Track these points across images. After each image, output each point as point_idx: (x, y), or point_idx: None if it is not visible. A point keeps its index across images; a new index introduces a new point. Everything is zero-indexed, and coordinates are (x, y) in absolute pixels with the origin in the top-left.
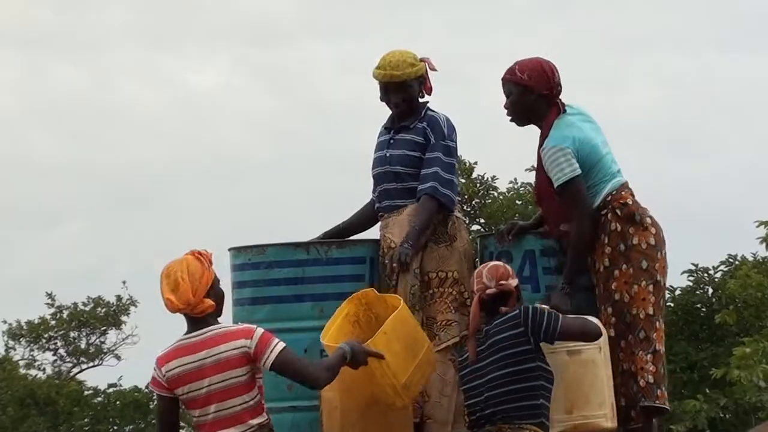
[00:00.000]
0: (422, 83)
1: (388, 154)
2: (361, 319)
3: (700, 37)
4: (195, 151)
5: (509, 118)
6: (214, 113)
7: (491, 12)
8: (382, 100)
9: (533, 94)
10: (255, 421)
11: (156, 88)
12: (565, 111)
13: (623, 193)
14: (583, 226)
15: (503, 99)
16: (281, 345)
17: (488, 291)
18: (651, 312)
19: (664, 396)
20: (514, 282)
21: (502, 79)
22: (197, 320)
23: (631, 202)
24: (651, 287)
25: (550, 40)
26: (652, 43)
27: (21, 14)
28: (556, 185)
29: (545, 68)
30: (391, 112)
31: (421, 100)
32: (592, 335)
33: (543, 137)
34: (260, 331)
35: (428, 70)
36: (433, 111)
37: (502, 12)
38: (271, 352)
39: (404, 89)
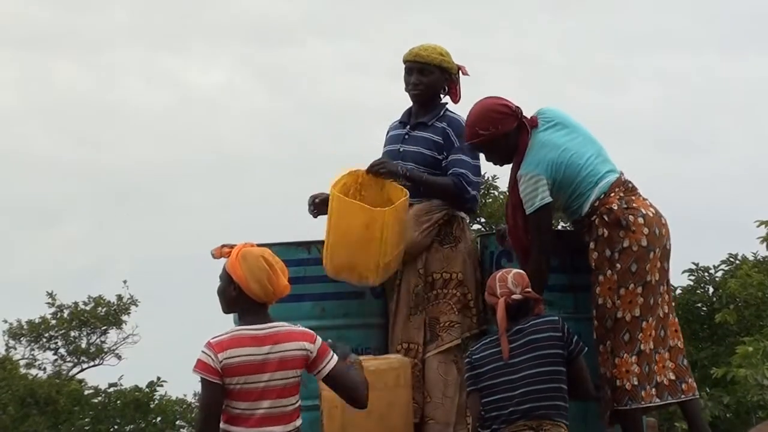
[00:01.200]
0: (447, 80)
1: (401, 149)
2: (349, 194)
3: (701, 36)
4: (197, 151)
5: (500, 165)
6: (217, 112)
7: (493, 12)
8: (406, 87)
9: (506, 136)
10: (298, 423)
11: (158, 88)
12: (536, 125)
13: (611, 196)
14: (539, 261)
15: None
16: (335, 358)
17: (514, 296)
18: (637, 313)
19: (651, 395)
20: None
21: (473, 145)
22: (263, 311)
23: (617, 207)
24: (640, 289)
25: (551, 39)
26: (653, 42)
27: (23, 13)
28: (527, 213)
29: (497, 109)
30: (405, 108)
31: (442, 100)
32: (586, 390)
33: (518, 161)
34: (320, 339)
35: (460, 76)
36: (452, 112)
37: (504, 12)
38: (328, 362)
39: (426, 72)
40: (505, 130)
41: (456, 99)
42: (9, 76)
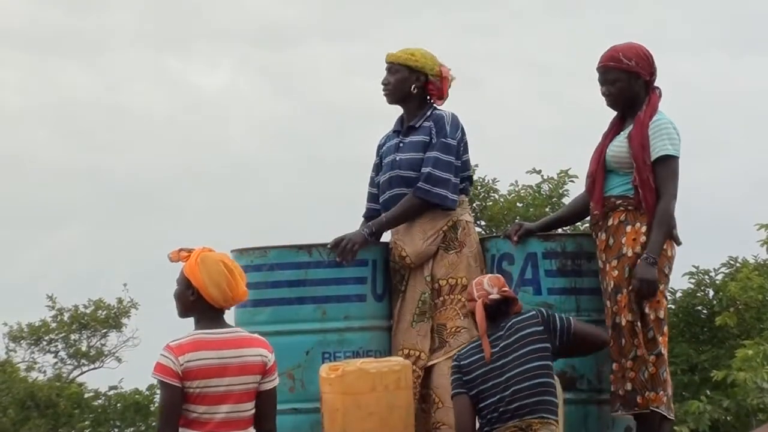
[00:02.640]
0: (421, 80)
1: (397, 158)
2: None
3: (706, 38)
4: (200, 153)
5: (609, 103)
6: (220, 115)
7: (497, 13)
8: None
9: (640, 80)
10: (253, 429)
11: (161, 90)
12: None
13: None
14: (672, 204)
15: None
16: (278, 381)
17: (491, 296)
18: (662, 316)
19: (658, 399)
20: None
21: (606, 67)
22: (219, 316)
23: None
24: (666, 292)
25: (556, 40)
26: (660, 44)
27: (28, 16)
28: (660, 153)
29: (646, 53)
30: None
31: (429, 102)
32: (603, 339)
33: (648, 114)
34: (273, 354)
35: (442, 76)
36: (440, 109)
37: (508, 13)
38: (274, 380)
39: (393, 71)
40: (640, 73)
41: (440, 97)
42: (15, 77)
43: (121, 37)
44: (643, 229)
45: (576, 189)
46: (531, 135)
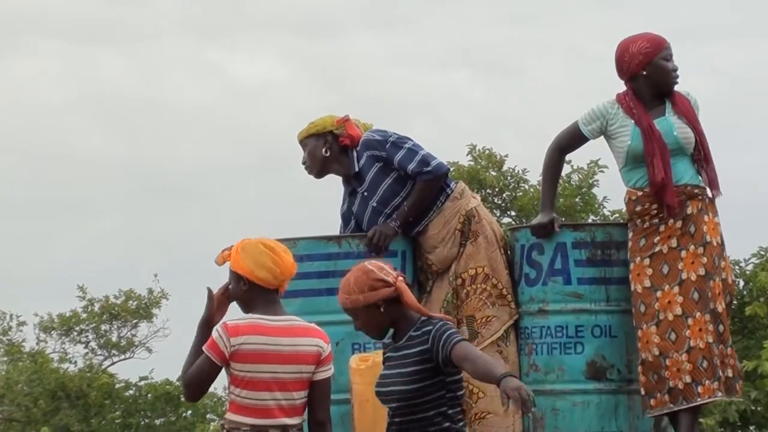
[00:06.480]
0: (329, 140)
1: (374, 204)
2: None
3: (748, 26)
4: (239, 145)
5: (675, 81)
6: (262, 107)
7: (541, 2)
8: None
9: None
10: (304, 416)
11: (203, 81)
12: None
13: None
14: None
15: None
16: (332, 371)
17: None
18: (687, 309)
19: (711, 389)
20: None
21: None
22: (276, 301)
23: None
24: (721, 284)
25: (599, 29)
26: (702, 32)
27: (69, 6)
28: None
29: None
30: (341, 186)
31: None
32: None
33: (681, 97)
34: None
35: (345, 123)
36: (356, 143)
37: (552, 2)
38: (328, 369)
39: (304, 148)
40: None
41: (353, 141)
42: (53, 68)
43: (162, 27)
44: (716, 219)
45: (605, 179)
46: (560, 125)
